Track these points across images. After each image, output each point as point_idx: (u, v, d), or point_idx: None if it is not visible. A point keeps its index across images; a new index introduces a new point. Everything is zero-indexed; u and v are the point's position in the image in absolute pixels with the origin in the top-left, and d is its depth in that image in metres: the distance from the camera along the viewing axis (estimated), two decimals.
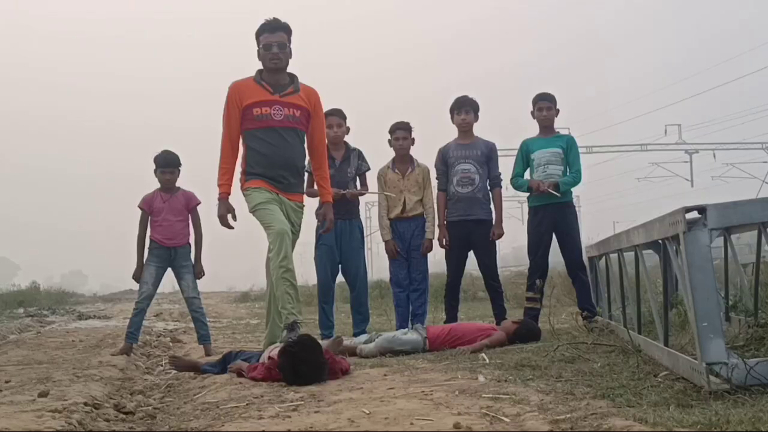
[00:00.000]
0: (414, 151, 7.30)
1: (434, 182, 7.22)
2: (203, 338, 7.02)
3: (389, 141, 7.23)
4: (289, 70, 5.92)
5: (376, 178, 7.25)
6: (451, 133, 7.22)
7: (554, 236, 6.92)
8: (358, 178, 7.09)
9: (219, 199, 5.79)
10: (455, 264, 7.12)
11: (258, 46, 5.85)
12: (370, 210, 31.91)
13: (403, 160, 7.22)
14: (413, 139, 7.25)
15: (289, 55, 5.87)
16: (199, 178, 7.39)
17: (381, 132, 7.31)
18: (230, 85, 5.88)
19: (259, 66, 5.90)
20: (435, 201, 7.16)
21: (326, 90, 6.20)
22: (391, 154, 7.30)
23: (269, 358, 4.82)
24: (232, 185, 5.85)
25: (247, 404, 3.87)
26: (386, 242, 7.20)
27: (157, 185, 7.04)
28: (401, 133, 7.17)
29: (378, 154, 7.28)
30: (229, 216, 5.80)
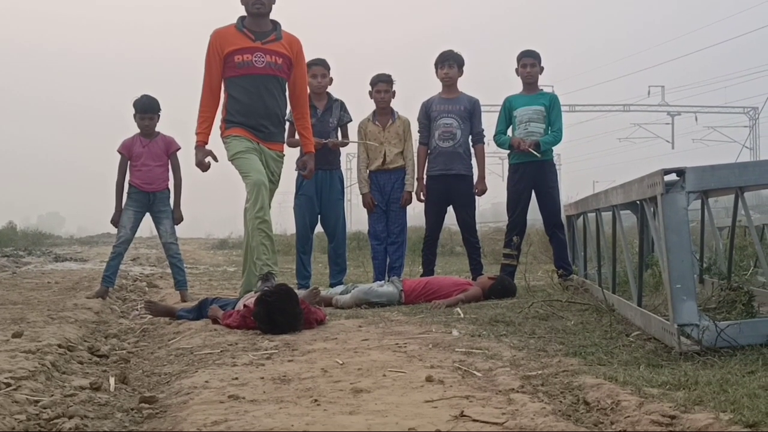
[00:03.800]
0: (395, 104, 7.27)
1: (416, 135, 7.20)
2: (180, 284, 7.02)
3: (370, 93, 7.18)
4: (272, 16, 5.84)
5: (357, 131, 7.22)
6: (435, 86, 7.19)
7: (533, 194, 6.95)
8: (339, 129, 7.05)
9: (196, 147, 5.75)
10: (434, 218, 7.14)
11: None
12: (351, 161, 31.80)
13: (383, 112, 7.19)
14: (394, 92, 7.21)
15: (273, 0, 5.78)
16: (178, 122, 7.28)
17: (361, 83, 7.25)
18: (212, 33, 5.80)
19: (242, 12, 5.81)
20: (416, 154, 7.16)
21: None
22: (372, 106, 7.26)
23: (245, 306, 4.83)
24: (210, 134, 5.80)
25: (221, 351, 3.89)
26: (364, 195, 7.20)
27: (137, 130, 6.97)
28: (382, 86, 7.13)
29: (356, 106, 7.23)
30: (209, 158, 5.76)
